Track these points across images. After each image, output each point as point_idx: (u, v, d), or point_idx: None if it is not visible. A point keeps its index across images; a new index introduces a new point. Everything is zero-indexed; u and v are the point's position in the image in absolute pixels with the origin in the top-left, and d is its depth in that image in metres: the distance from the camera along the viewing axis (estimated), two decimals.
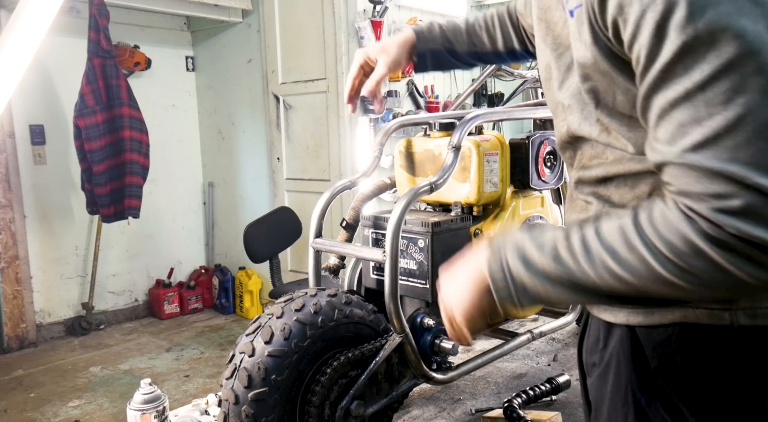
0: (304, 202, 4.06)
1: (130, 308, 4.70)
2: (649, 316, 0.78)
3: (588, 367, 0.92)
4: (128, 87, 4.02)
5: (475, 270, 0.78)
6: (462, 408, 2.05)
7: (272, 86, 4.33)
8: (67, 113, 4.06)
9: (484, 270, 0.76)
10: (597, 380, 0.87)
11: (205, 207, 5.11)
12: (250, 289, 4.62)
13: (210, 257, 5.13)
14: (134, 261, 4.70)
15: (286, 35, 4.20)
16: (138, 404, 1.72)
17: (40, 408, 3.21)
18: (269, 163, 4.49)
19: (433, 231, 1.80)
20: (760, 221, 0.56)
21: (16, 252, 4.02)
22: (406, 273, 1.87)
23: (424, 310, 1.84)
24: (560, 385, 2.07)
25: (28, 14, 1.85)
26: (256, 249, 3.23)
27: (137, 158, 4.07)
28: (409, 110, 4.24)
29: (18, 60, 1.94)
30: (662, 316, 0.77)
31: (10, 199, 3.96)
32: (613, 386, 0.83)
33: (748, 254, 0.57)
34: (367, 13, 3.86)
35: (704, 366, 0.75)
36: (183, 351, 4.00)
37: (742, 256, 0.58)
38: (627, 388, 0.80)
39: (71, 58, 4.03)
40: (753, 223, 0.56)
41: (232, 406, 1.50)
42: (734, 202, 0.57)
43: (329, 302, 1.63)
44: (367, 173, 2.01)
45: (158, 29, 4.69)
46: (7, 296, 3.97)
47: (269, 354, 1.50)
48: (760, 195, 0.56)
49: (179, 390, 3.38)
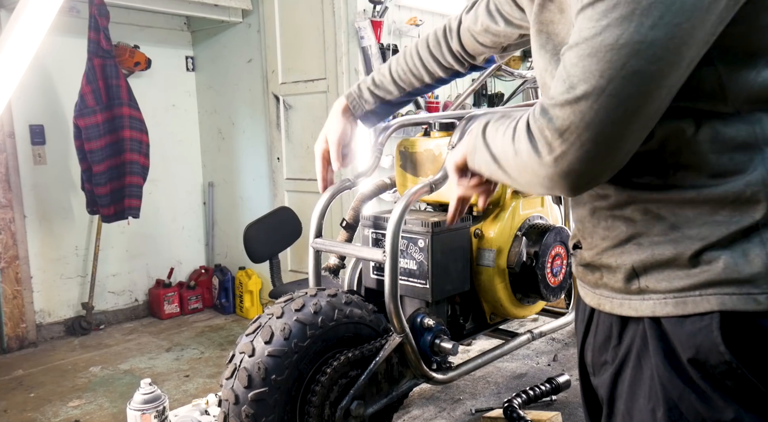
0: (304, 202, 4.06)
1: (130, 308, 4.70)
2: (681, 306, 0.76)
3: (595, 367, 0.90)
4: (128, 87, 4.02)
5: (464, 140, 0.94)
6: (462, 408, 2.05)
7: (272, 86, 4.33)
8: (67, 113, 4.06)
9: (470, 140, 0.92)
10: (610, 378, 0.85)
11: (205, 207, 5.11)
12: (250, 289, 4.62)
13: (210, 257, 5.13)
14: (134, 261, 4.70)
15: (286, 35, 4.20)
16: (138, 404, 1.72)
17: (40, 408, 3.21)
18: (269, 163, 4.49)
19: (433, 231, 1.80)
20: (545, 118, 0.70)
21: (16, 252, 4.02)
22: (406, 273, 1.87)
23: (424, 310, 1.84)
24: (560, 385, 2.07)
25: (28, 14, 1.85)
26: (256, 249, 3.22)
27: (137, 158, 4.07)
28: (409, 110, 4.24)
29: (18, 60, 1.94)
30: (696, 305, 0.74)
31: (10, 199, 3.96)
32: (632, 382, 0.82)
33: (537, 140, 0.72)
34: (367, 13, 3.86)
35: (752, 355, 0.73)
36: (183, 351, 4.00)
37: (534, 141, 0.72)
38: (653, 382, 0.78)
39: (71, 58, 4.04)
40: (542, 118, 0.71)
41: (232, 406, 1.49)
42: (547, 102, 0.70)
43: (329, 302, 1.63)
44: (367, 173, 2.01)
45: (158, 29, 4.69)
46: (7, 296, 3.97)
47: (269, 354, 1.50)
48: (554, 104, 0.69)
49: (179, 390, 3.38)
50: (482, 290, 2.00)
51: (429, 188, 1.75)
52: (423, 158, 2.00)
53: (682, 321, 0.76)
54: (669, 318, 0.77)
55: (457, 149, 0.95)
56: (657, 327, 0.78)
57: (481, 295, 2.03)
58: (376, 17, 3.87)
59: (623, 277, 0.82)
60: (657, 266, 0.78)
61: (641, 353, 0.80)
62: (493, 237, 1.94)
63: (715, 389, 0.74)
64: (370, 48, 3.83)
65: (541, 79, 0.90)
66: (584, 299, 0.92)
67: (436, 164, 1.94)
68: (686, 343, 0.75)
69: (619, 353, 0.84)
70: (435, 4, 4.39)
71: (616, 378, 0.84)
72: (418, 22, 4.16)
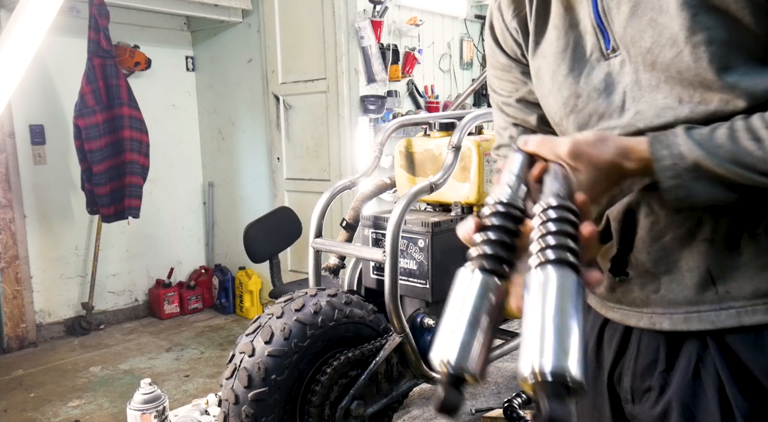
0: (304, 202, 4.06)
1: (130, 308, 4.70)
2: (752, 315, 0.67)
3: (635, 393, 0.81)
4: (128, 87, 4.02)
5: (630, 141, 0.68)
6: (462, 408, 2.05)
7: (272, 86, 4.33)
8: (67, 113, 4.06)
9: (642, 144, 0.67)
10: (660, 406, 0.76)
11: (205, 207, 5.11)
12: (250, 289, 4.62)
13: (210, 257, 5.13)
14: (134, 261, 4.70)
15: (286, 35, 4.20)
16: (138, 404, 1.72)
17: (40, 408, 3.21)
18: (269, 163, 4.49)
19: (433, 231, 1.80)
20: None
21: (16, 252, 4.02)
22: (406, 273, 1.87)
23: (424, 310, 1.84)
24: None
25: (28, 14, 1.85)
26: (256, 249, 3.23)
27: (137, 158, 4.07)
28: (409, 110, 4.25)
29: (18, 60, 1.94)
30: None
31: (10, 199, 3.96)
32: (690, 414, 0.72)
33: None
34: (367, 13, 3.86)
35: None
36: (183, 351, 4.00)
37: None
38: (718, 406, 0.69)
39: (71, 58, 4.03)
40: None
41: (232, 406, 1.50)
42: None
43: (329, 302, 1.63)
44: (367, 173, 2.01)
45: (158, 29, 4.69)
46: (7, 296, 3.97)
47: (269, 354, 1.50)
48: None
49: (179, 390, 3.38)
50: None
51: (429, 188, 1.75)
52: (423, 158, 2.00)
53: (756, 332, 0.66)
54: (734, 333, 0.68)
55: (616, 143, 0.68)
56: (717, 343, 0.70)
57: None
58: (376, 17, 3.87)
59: (695, 283, 0.72)
60: (737, 267, 0.68)
61: (704, 379, 0.71)
62: None
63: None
64: (370, 48, 3.83)
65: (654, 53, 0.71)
66: (624, 322, 0.82)
67: (436, 164, 1.94)
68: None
69: (672, 379, 0.75)
70: (435, 4, 4.39)
71: (668, 407, 0.75)
72: (418, 22, 4.16)
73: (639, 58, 0.72)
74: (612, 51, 0.75)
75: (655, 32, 0.69)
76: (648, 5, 0.69)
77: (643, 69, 0.72)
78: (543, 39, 0.84)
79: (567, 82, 0.80)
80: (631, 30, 0.72)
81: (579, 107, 0.79)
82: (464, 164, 1.92)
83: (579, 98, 0.79)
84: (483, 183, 1.92)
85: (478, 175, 1.91)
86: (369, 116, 3.86)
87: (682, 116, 0.69)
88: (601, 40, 0.76)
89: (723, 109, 0.66)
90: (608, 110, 0.76)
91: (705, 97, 0.67)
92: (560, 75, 0.80)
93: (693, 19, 0.65)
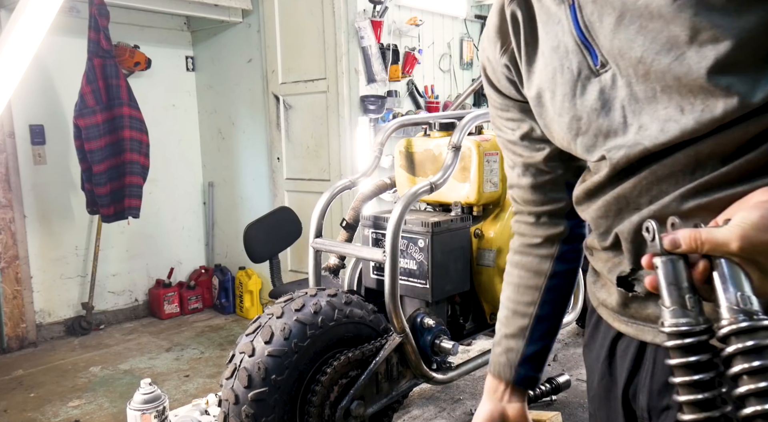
0: (304, 202, 4.06)
1: (130, 308, 4.71)
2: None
3: (652, 411, 0.79)
4: (128, 87, 4.02)
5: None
6: (462, 408, 2.05)
7: (272, 86, 4.33)
8: (67, 113, 4.06)
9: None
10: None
11: (205, 207, 5.11)
12: (250, 289, 4.63)
13: (210, 257, 5.13)
14: (134, 261, 4.70)
15: (286, 35, 4.20)
16: (138, 404, 1.72)
17: (40, 408, 3.21)
18: (269, 163, 4.49)
19: (433, 231, 1.80)
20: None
21: (16, 252, 4.02)
22: (406, 273, 1.87)
23: (424, 310, 1.84)
24: (560, 385, 2.07)
25: (28, 14, 1.85)
26: (256, 249, 3.23)
27: (137, 158, 4.07)
28: (409, 110, 4.25)
29: (18, 60, 1.94)
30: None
31: (10, 199, 3.96)
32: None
33: None
34: (367, 13, 3.86)
35: None
36: (183, 351, 4.00)
37: None
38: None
39: (71, 58, 4.04)
40: None
41: (232, 406, 1.50)
42: None
43: (329, 302, 1.63)
44: (367, 173, 2.01)
45: (158, 29, 4.69)
46: (7, 296, 3.98)
47: (269, 354, 1.51)
48: None
49: (179, 390, 3.38)
50: (482, 290, 2.01)
51: (429, 188, 1.75)
52: (423, 158, 2.00)
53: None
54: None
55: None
56: None
57: (481, 295, 2.03)
58: (376, 17, 3.87)
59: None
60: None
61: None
62: (493, 237, 1.94)
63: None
64: (370, 48, 3.83)
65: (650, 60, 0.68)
66: (638, 337, 0.79)
67: (436, 164, 1.94)
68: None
69: None
70: (435, 4, 4.39)
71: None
72: (418, 22, 4.16)
73: (630, 69, 0.70)
74: (601, 66, 0.73)
75: (647, 39, 0.67)
76: (635, 13, 0.67)
77: (636, 81, 0.70)
78: (535, 68, 0.83)
79: (565, 107, 0.78)
80: (618, 42, 0.69)
81: (583, 129, 0.77)
82: (464, 164, 1.92)
83: (581, 120, 0.77)
84: (483, 183, 1.93)
85: (478, 175, 1.91)
86: (369, 116, 3.86)
87: (688, 128, 0.66)
88: (587, 57, 0.74)
89: (730, 115, 0.64)
90: (612, 128, 0.74)
91: (707, 103, 0.65)
92: (557, 100, 0.79)
93: (695, 18, 0.63)
